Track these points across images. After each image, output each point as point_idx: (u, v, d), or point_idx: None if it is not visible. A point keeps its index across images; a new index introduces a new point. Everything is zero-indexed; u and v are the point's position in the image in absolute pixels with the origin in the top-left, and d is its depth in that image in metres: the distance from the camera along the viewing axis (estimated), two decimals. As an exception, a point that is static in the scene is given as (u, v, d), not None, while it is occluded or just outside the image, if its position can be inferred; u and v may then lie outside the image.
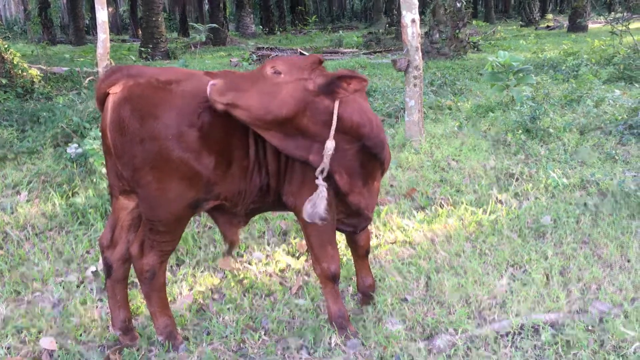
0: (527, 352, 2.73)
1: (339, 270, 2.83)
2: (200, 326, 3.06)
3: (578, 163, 5.27)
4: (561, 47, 13.10)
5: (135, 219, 2.73)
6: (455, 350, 2.74)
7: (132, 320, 2.94)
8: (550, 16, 32.39)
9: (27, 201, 4.68)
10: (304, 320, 3.10)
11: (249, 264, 3.73)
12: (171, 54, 18.15)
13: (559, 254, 3.69)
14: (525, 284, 3.33)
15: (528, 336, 2.83)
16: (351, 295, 3.35)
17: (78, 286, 3.50)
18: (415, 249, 3.87)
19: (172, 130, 2.39)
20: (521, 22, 29.10)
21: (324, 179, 2.47)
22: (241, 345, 2.89)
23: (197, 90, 2.44)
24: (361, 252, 3.13)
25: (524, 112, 6.44)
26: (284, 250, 3.91)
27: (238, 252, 3.85)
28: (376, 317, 3.06)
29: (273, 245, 4.00)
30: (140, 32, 21.53)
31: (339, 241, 3.55)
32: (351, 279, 3.47)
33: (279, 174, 2.65)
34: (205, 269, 3.67)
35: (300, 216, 2.76)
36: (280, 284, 3.49)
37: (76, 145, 5.42)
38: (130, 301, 3.03)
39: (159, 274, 2.71)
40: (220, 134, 2.45)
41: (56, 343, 2.89)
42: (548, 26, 26.16)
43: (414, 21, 5.90)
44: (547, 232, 3.98)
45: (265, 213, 3.92)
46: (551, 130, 6.11)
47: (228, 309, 3.20)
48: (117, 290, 2.83)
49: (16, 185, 5.07)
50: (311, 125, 2.39)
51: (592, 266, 3.48)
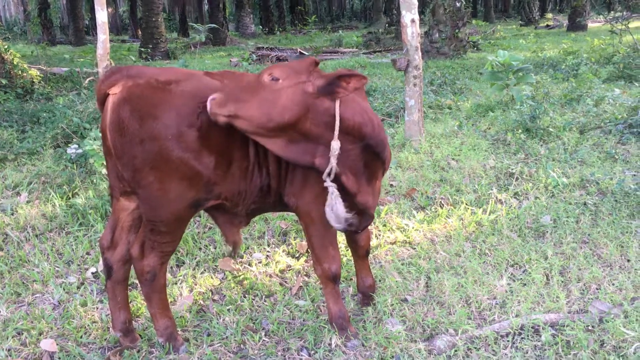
0: (527, 353, 2.73)
1: (340, 271, 2.83)
2: (201, 327, 3.06)
3: (578, 162, 5.27)
4: (561, 46, 13.09)
5: (136, 220, 2.73)
6: (456, 351, 2.74)
7: (133, 321, 2.94)
8: (549, 15, 32.40)
9: (27, 202, 4.68)
10: (304, 321, 3.10)
11: (249, 264, 3.74)
12: (171, 54, 18.17)
13: (558, 253, 3.69)
14: (525, 284, 3.33)
15: (528, 336, 2.83)
16: (351, 295, 3.35)
17: (78, 287, 3.50)
18: (415, 249, 3.87)
19: (172, 131, 2.39)
20: (521, 22, 29.13)
21: (331, 181, 2.47)
22: (241, 346, 2.89)
23: (196, 90, 2.44)
24: (361, 252, 3.13)
25: (523, 112, 6.44)
26: (284, 251, 3.91)
27: (238, 253, 3.85)
28: (376, 317, 3.07)
29: (273, 245, 4.01)
30: (140, 32, 21.53)
31: (339, 241, 3.55)
32: (351, 279, 3.47)
33: (279, 175, 2.65)
34: (205, 270, 3.68)
35: (301, 217, 2.77)
36: (281, 284, 3.50)
37: (76, 146, 5.43)
38: (130, 302, 3.03)
39: (160, 275, 2.71)
40: (220, 133, 2.45)
41: (57, 345, 2.89)
42: (548, 25, 26.18)
43: (413, 21, 5.90)
44: (547, 232, 3.98)
45: (265, 213, 3.92)
46: (551, 129, 6.11)
47: (228, 310, 3.20)
48: (117, 292, 2.83)
49: (16, 186, 5.08)
50: (314, 128, 2.39)
51: (592, 266, 3.48)
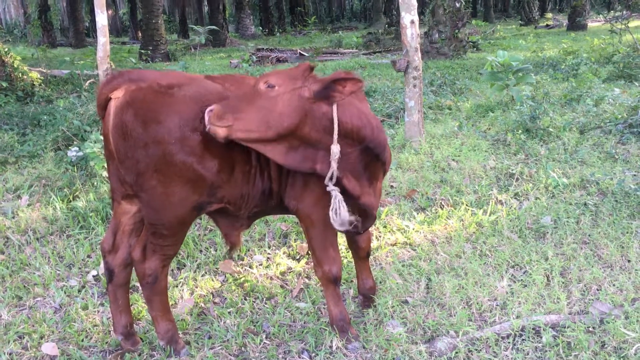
0: (528, 354, 2.73)
1: (341, 273, 2.84)
2: (202, 330, 3.06)
3: (578, 162, 5.27)
4: (561, 46, 13.09)
5: (137, 223, 2.74)
6: (456, 353, 2.74)
7: (134, 324, 2.95)
8: (549, 15, 32.39)
9: (28, 205, 4.69)
10: (305, 323, 3.10)
11: (250, 267, 3.74)
12: (171, 55, 18.19)
13: (559, 254, 3.69)
14: (525, 285, 3.33)
15: (529, 338, 2.83)
16: (352, 297, 3.35)
17: (79, 291, 3.51)
18: (415, 250, 3.87)
19: (175, 134, 2.39)
20: (520, 21, 29.12)
21: (333, 185, 2.48)
22: (242, 349, 2.89)
23: (198, 94, 2.45)
24: (362, 254, 3.14)
25: (523, 112, 6.43)
26: (284, 253, 3.91)
27: (239, 255, 3.86)
28: (377, 319, 3.07)
29: (274, 247, 4.01)
30: (140, 34, 21.57)
31: (340, 243, 3.55)
32: (352, 281, 3.48)
33: (281, 178, 2.66)
34: (206, 273, 3.68)
35: (302, 220, 2.77)
36: (281, 287, 3.50)
37: (77, 149, 5.43)
38: (131, 305, 3.04)
39: (161, 278, 2.71)
40: None
41: (58, 348, 2.89)
42: (547, 25, 26.17)
43: (413, 22, 5.91)
44: (548, 233, 3.98)
45: (266, 216, 3.92)
46: (551, 129, 6.11)
47: (229, 312, 3.20)
48: (118, 295, 2.84)
49: (17, 190, 5.08)
50: (313, 133, 2.39)
51: (592, 267, 3.48)
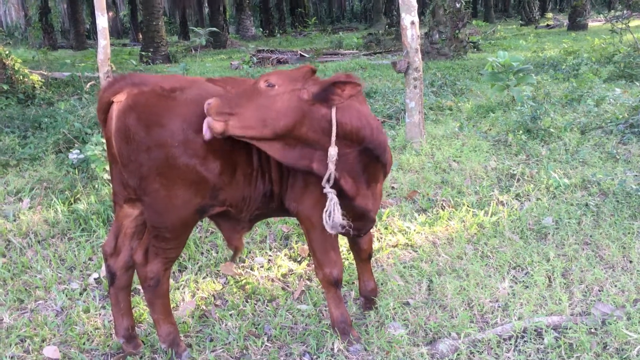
0: (530, 356, 2.73)
1: (342, 276, 2.84)
2: (203, 333, 3.06)
3: (579, 163, 5.26)
4: (561, 46, 13.08)
5: (139, 226, 2.74)
6: (458, 355, 2.73)
7: (135, 327, 2.95)
8: (550, 15, 32.38)
9: (30, 208, 4.69)
10: (306, 325, 3.10)
11: (251, 269, 3.74)
12: (172, 57, 18.21)
13: (561, 255, 3.68)
14: (527, 287, 3.33)
15: (531, 340, 2.83)
16: (353, 299, 3.35)
17: (81, 294, 3.51)
18: (417, 251, 3.86)
19: (178, 137, 2.40)
20: (521, 21, 29.11)
21: (330, 186, 2.48)
22: (244, 351, 2.89)
23: (200, 97, 2.45)
24: (363, 255, 3.13)
25: (524, 112, 6.42)
26: (285, 255, 3.91)
27: (240, 258, 3.86)
28: (378, 321, 3.07)
29: (275, 250, 4.01)
30: (141, 36, 21.60)
31: (341, 245, 3.55)
32: (353, 283, 3.47)
33: (281, 180, 2.66)
34: (207, 275, 3.68)
35: (302, 222, 2.77)
36: (283, 289, 3.50)
37: (78, 151, 5.44)
38: (133, 308, 3.03)
39: (163, 281, 2.71)
40: (224, 139, 2.45)
41: (59, 352, 2.89)
42: (548, 25, 26.16)
43: (413, 23, 5.91)
44: (549, 234, 3.98)
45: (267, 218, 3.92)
46: (552, 130, 6.10)
47: (231, 315, 3.20)
48: (120, 298, 2.84)
49: (18, 192, 5.09)
50: (311, 134, 2.40)
51: (594, 267, 3.48)
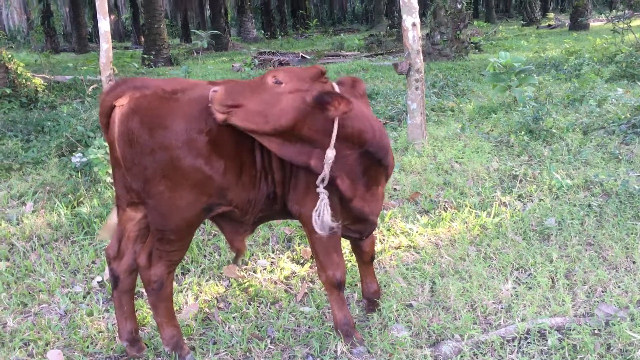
0: (533, 358, 2.72)
1: (345, 278, 2.84)
2: (207, 336, 3.07)
3: (582, 163, 5.26)
4: (563, 46, 13.08)
5: (142, 230, 2.74)
6: (462, 357, 2.73)
7: (139, 330, 2.95)
8: (551, 15, 32.35)
9: (33, 212, 4.71)
10: (309, 328, 3.10)
11: (254, 271, 3.74)
12: (174, 60, 18.24)
13: (564, 256, 3.68)
14: (530, 288, 3.32)
15: (534, 341, 2.82)
16: (356, 301, 3.35)
17: (84, 297, 3.51)
18: (419, 253, 3.86)
19: (182, 138, 2.40)
20: (522, 22, 29.08)
21: (327, 184, 2.48)
22: (247, 354, 2.90)
23: (202, 97, 2.46)
24: (366, 258, 3.14)
25: (526, 113, 6.42)
26: (288, 257, 3.91)
27: (243, 260, 3.86)
28: (382, 323, 3.07)
29: (277, 252, 4.01)
30: (143, 39, 21.63)
31: (343, 247, 3.55)
32: (356, 285, 3.47)
33: (284, 182, 2.67)
34: (210, 278, 3.68)
35: (305, 224, 2.77)
36: (285, 291, 3.50)
37: (81, 155, 5.46)
38: (136, 311, 3.04)
39: (167, 284, 2.71)
40: (228, 137, 2.47)
41: (63, 355, 2.89)
42: (549, 25, 26.14)
43: (414, 25, 5.91)
44: (552, 235, 3.97)
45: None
46: (554, 130, 6.10)
47: (234, 317, 3.21)
48: (124, 302, 2.84)
49: (22, 196, 5.10)
50: (312, 134, 2.40)
51: (597, 268, 3.47)
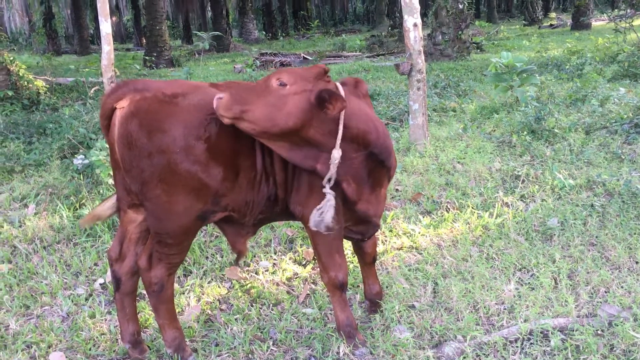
0: (536, 359, 2.71)
1: (347, 279, 2.83)
2: (209, 337, 3.06)
3: (584, 163, 5.24)
4: (565, 46, 13.06)
5: (144, 232, 2.75)
6: (464, 358, 2.72)
7: (141, 332, 2.95)
8: (553, 15, 32.32)
9: (35, 214, 4.71)
10: (311, 329, 3.10)
11: (256, 273, 3.74)
12: (175, 61, 18.26)
13: (566, 256, 3.67)
14: (533, 289, 3.32)
15: (537, 342, 2.82)
16: (359, 303, 3.35)
17: (87, 299, 3.52)
18: (421, 254, 3.86)
19: (180, 143, 2.40)
20: (524, 22, 29.07)
21: (332, 188, 2.48)
22: (249, 356, 2.89)
23: (203, 102, 2.46)
24: (368, 259, 3.13)
25: (528, 113, 6.40)
26: (290, 259, 3.91)
27: (245, 262, 3.86)
28: (384, 324, 3.06)
29: (280, 253, 4.01)
30: (144, 40, 21.66)
31: (345, 248, 3.55)
32: (358, 286, 3.47)
33: (286, 184, 2.66)
34: (212, 279, 3.68)
35: (307, 225, 2.76)
36: (288, 292, 3.50)
37: (82, 157, 5.46)
38: (138, 313, 3.04)
39: (167, 286, 2.72)
40: (227, 145, 2.47)
41: (66, 357, 2.90)
42: (551, 25, 26.12)
43: (415, 25, 5.90)
44: (555, 235, 3.96)
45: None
46: (556, 130, 6.08)
47: (236, 319, 3.20)
48: (126, 304, 2.84)
49: (24, 198, 5.11)
50: (318, 136, 2.40)
51: (600, 269, 3.46)
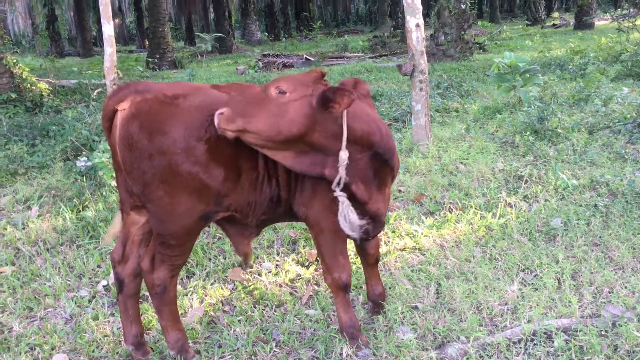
0: (540, 359, 2.71)
1: (350, 280, 2.83)
2: (212, 339, 3.07)
3: (587, 163, 5.23)
4: (568, 46, 13.02)
5: (146, 233, 2.75)
6: (467, 359, 2.72)
7: (144, 334, 2.95)
8: (556, 14, 32.24)
9: (38, 216, 4.72)
10: (314, 330, 3.09)
11: (259, 274, 3.74)
12: (178, 63, 18.28)
13: (570, 257, 3.66)
14: (536, 289, 3.31)
15: (541, 342, 2.81)
16: (362, 304, 3.34)
17: (90, 301, 3.52)
18: (424, 255, 3.85)
19: (181, 145, 2.41)
20: (527, 21, 29.01)
21: (341, 191, 2.48)
22: (253, 357, 2.89)
23: (203, 104, 2.46)
24: (371, 260, 3.13)
25: (531, 113, 6.39)
26: (293, 260, 3.91)
27: (249, 264, 3.86)
28: (387, 326, 3.06)
29: (282, 254, 4.01)
30: (147, 42, 21.69)
31: (348, 249, 3.54)
32: (361, 287, 3.46)
33: (289, 185, 2.66)
34: (215, 281, 3.68)
35: (311, 226, 2.77)
36: (291, 294, 3.50)
37: (85, 159, 5.48)
38: (141, 315, 3.04)
39: (170, 288, 2.72)
40: (228, 146, 2.47)
41: (69, 359, 2.90)
42: (554, 24, 26.06)
43: (418, 26, 5.90)
44: (558, 235, 3.95)
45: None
46: (559, 130, 6.07)
47: (239, 321, 3.20)
48: (129, 305, 2.85)
49: (27, 200, 5.12)
50: (322, 140, 2.40)
51: (604, 269, 3.45)
